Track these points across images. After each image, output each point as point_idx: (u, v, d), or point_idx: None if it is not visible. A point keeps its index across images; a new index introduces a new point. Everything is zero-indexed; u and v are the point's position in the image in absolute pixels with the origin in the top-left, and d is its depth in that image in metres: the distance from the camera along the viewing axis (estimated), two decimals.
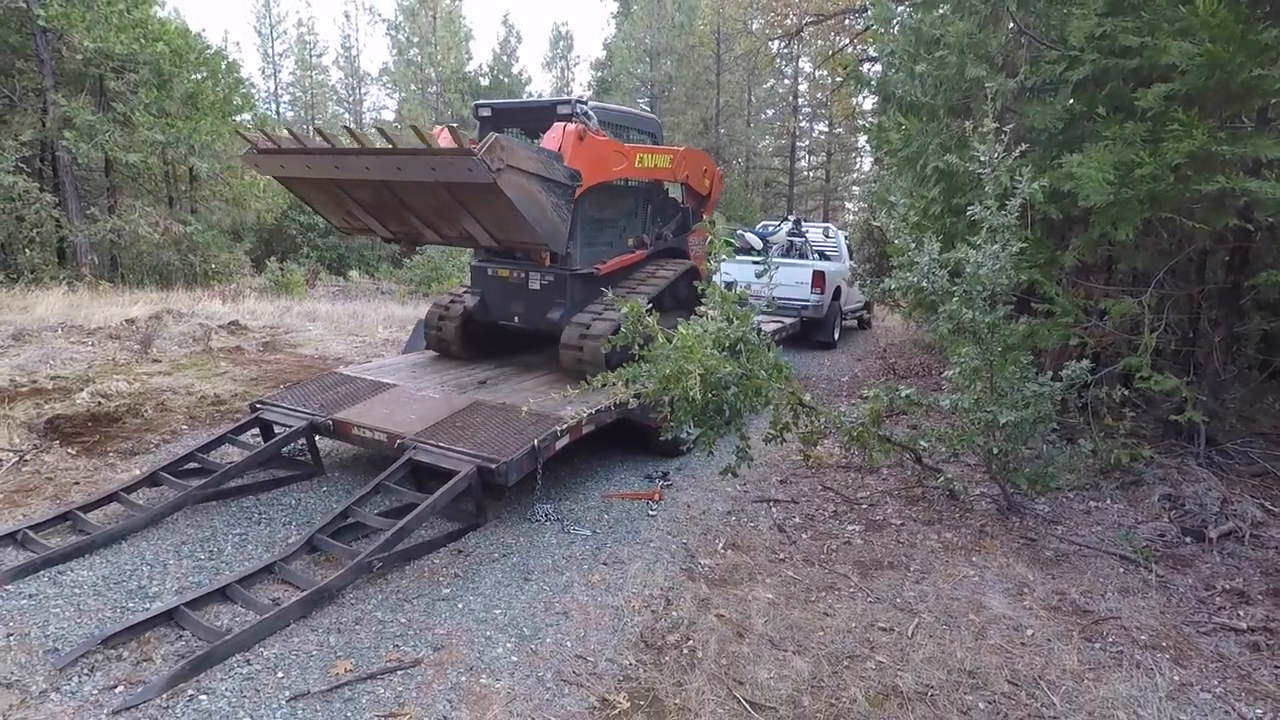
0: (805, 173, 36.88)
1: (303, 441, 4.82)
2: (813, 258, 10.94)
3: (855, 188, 34.24)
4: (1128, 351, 5.02)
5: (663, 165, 6.08)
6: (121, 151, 16.44)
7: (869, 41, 13.36)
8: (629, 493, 4.88)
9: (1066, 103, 5.07)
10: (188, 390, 6.75)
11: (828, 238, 12.22)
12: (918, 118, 6.07)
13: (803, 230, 11.66)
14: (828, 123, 34.35)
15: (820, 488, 5.08)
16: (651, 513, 4.58)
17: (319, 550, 3.74)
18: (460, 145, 3.99)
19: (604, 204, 5.71)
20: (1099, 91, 4.78)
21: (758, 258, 9.47)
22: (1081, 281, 5.74)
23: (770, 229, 11.55)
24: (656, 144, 6.35)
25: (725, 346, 3.91)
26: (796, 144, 35.09)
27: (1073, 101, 5.08)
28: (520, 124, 5.95)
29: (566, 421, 4.28)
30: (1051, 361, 5.73)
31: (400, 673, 2.87)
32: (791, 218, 12.13)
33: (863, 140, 27.47)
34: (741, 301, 4.08)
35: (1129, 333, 5.12)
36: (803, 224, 12.07)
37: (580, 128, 4.90)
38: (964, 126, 5.42)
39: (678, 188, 6.78)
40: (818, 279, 9.96)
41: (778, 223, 12.00)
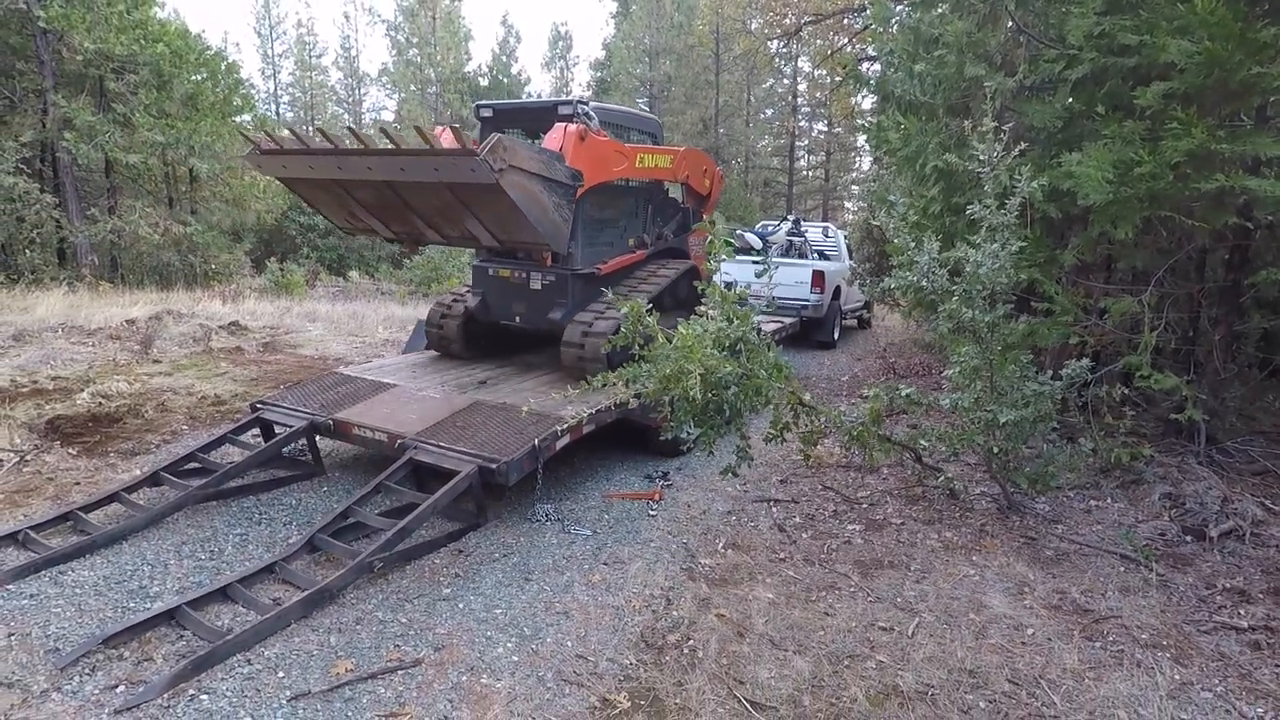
0: (804, 172, 36.87)
1: (303, 441, 4.83)
2: (812, 257, 10.94)
3: (854, 187, 34.21)
4: (1128, 350, 5.02)
5: (663, 165, 6.08)
6: (121, 152, 16.47)
7: (868, 41, 13.35)
8: (629, 493, 4.88)
9: (1065, 101, 5.07)
10: (188, 391, 6.76)
11: (827, 237, 12.22)
12: (917, 117, 6.07)
13: (802, 230, 11.66)
14: (827, 122, 34.34)
15: (820, 487, 5.08)
16: (652, 513, 4.58)
17: (320, 550, 3.75)
18: (463, 146, 4.00)
19: (605, 204, 5.72)
20: (1098, 90, 4.79)
21: (757, 257, 9.47)
22: (1081, 280, 5.74)
23: (770, 229, 11.55)
24: (657, 144, 6.36)
25: (725, 346, 3.91)
26: (795, 143, 35.08)
27: (1072, 100, 5.08)
28: (521, 124, 5.96)
29: (567, 421, 4.28)
30: (1051, 360, 5.72)
31: (401, 672, 2.88)
32: (791, 217, 12.14)
33: (862, 140, 27.46)
34: (741, 301, 4.08)
35: (1129, 331, 5.12)
36: (802, 223, 12.08)
37: (581, 128, 4.91)
38: (963, 125, 5.43)
39: (678, 188, 6.79)
40: (817, 279, 9.96)
41: (777, 222, 12.00)
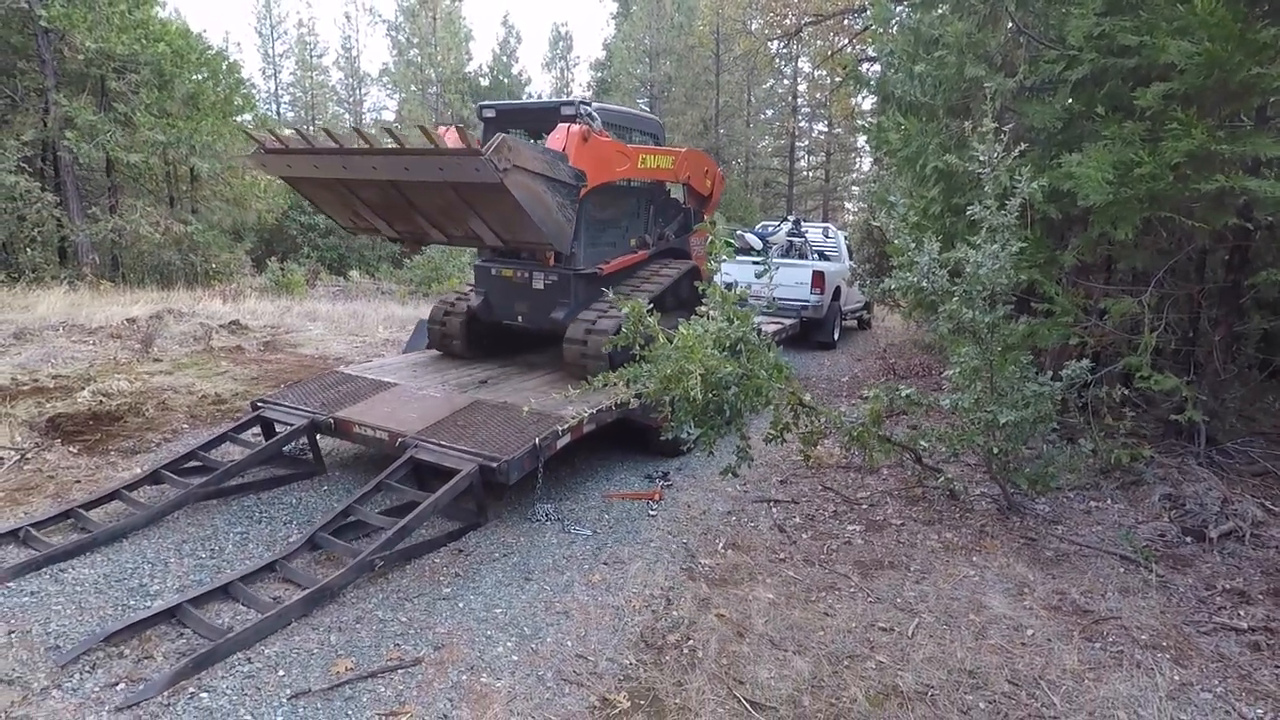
0: (805, 173, 36.88)
1: (304, 440, 4.83)
2: (812, 258, 10.94)
3: (855, 188, 34.25)
4: (1128, 351, 5.02)
5: (665, 166, 6.09)
6: (123, 151, 16.48)
7: (868, 41, 13.36)
8: (629, 493, 4.88)
9: (1065, 102, 5.08)
10: (189, 389, 6.76)
11: (827, 238, 12.22)
12: (917, 118, 6.08)
13: (802, 230, 11.66)
14: (827, 123, 34.35)
15: (820, 488, 5.08)
16: (652, 513, 4.58)
17: (320, 548, 3.75)
18: (468, 145, 4.01)
19: (607, 204, 5.72)
20: (1098, 91, 4.79)
21: (757, 258, 9.47)
22: (1081, 281, 5.74)
23: (770, 229, 11.55)
24: (658, 145, 6.36)
25: (726, 347, 3.91)
26: (796, 144, 35.08)
27: (1072, 101, 5.09)
28: (524, 125, 5.96)
29: (567, 421, 4.29)
30: (1051, 361, 5.73)
31: (401, 671, 2.88)
32: (791, 218, 12.13)
33: (862, 140, 27.49)
34: (742, 302, 4.08)
35: (1129, 332, 5.12)
36: (802, 224, 12.07)
37: (584, 129, 4.91)
38: (963, 126, 5.43)
39: (680, 188, 6.80)
40: (817, 279, 9.97)
41: (777, 223, 12.00)
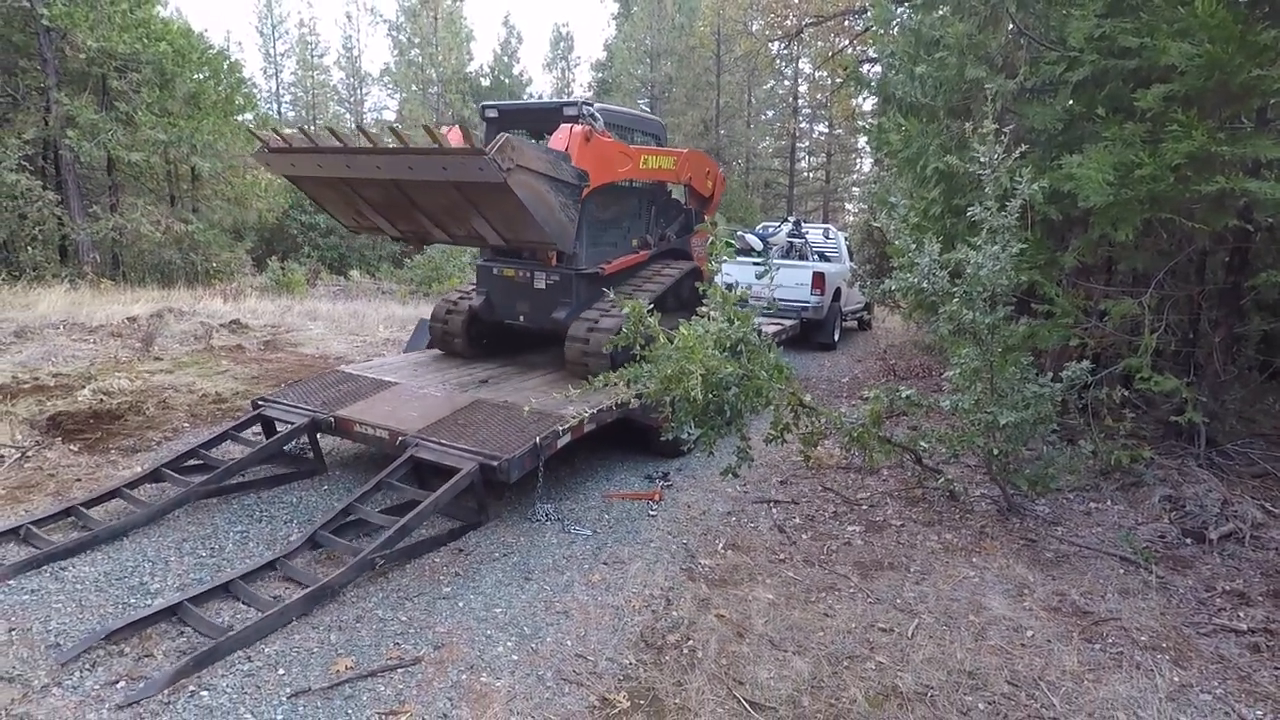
0: (805, 174, 36.89)
1: (305, 439, 4.83)
2: (813, 259, 10.94)
3: (855, 189, 34.25)
4: (1128, 352, 5.03)
5: (667, 167, 6.09)
6: (124, 150, 16.49)
7: (869, 43, 13.37)
8: (629, 493, 4.89)
9: (1066, 104, 5.09)
10: (189, 388, 6.76)
11: (828, 239, 12.22)
12: (918, 119, 6.08)
13: (803, 231, 11.66)
14: (828, 124, 34.36)
15: (820, 488, 5.08)
16: (652, 513, 4.58)
17: (321, 547, 3.75)
18: (472, 145, 4.01)
19: (609, 205, 5.73)
20: (1098, 92, 4.80)
21: (758, 259, 9.48)
22: (1081, 282, 5.75)
23: (770, 230, 11.55)
24: (660, 146, 6.37)
25: (726, 347, 3.92)
26: (796, 145, 35.08)
27: (1072, 102, 5.09)
28: (526, 125, 5.97)
29: (568, 420, 4.29)
30: (1051, 362, 5.73)
31: (401, 670, 2.88)
32: (791, 219, 12.14)
33: (863, 141, 27.53)
34: (742, 303, 4.09)
35: (1129, 333, 5.12)
36: (803, 225, 12.08)
37: (587, 129, 4.92)
38: (964, 127, 5.44)
39: (681, 189, 6.80)
40: (818, 280, 9.97)
41: (778, 224, 12.00)
